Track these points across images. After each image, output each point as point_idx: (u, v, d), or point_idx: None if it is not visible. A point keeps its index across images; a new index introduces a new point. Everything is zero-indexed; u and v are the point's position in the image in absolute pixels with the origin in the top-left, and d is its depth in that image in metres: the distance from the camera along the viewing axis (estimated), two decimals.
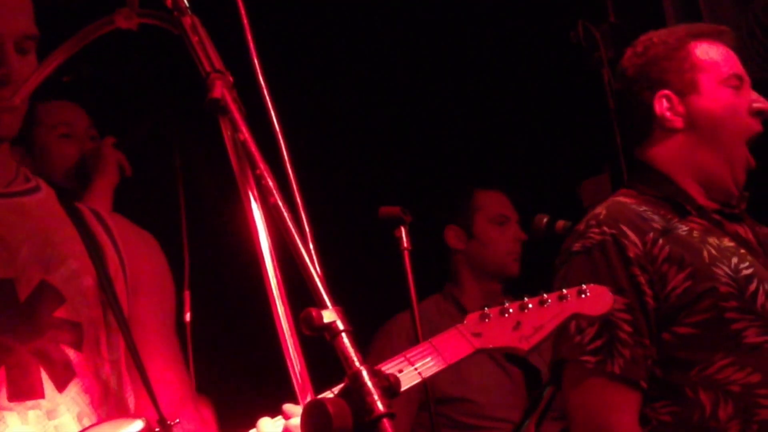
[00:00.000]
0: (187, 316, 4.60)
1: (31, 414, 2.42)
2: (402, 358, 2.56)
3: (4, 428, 2.38)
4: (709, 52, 3.68)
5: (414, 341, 5.02)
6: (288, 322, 1.85)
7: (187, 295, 4.62)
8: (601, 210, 3.54)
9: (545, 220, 4.92)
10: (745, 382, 3.31)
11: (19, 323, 2.48)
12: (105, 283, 2.62)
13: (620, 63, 3.78)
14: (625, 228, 3.43)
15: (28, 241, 2.58)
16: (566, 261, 3.53)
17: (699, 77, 3.63)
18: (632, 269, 3.38)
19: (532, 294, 2.81)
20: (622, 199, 3.62)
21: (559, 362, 3.48)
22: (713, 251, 3.44)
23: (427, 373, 2.59)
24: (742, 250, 3.50)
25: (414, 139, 6.37)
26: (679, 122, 3.62)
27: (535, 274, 5.94)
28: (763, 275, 3.44)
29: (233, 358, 5.10)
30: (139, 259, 2.78)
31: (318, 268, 1.84)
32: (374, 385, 1.72)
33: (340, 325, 1.78)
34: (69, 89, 4.72)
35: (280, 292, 1.87)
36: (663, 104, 3.62)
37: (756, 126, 3.63)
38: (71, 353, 2.52)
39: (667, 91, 3.63)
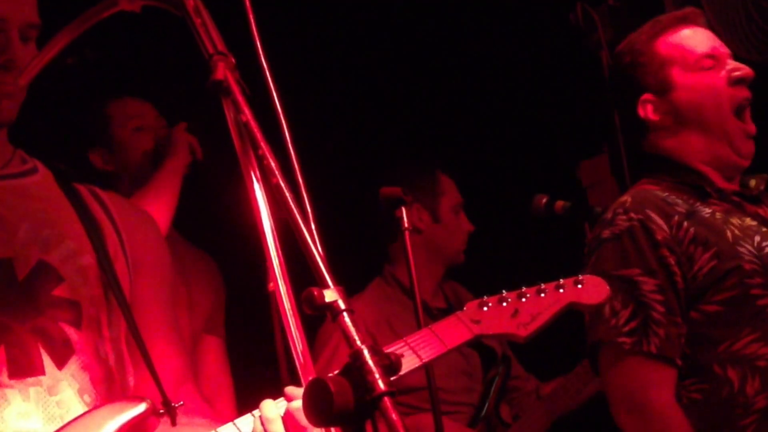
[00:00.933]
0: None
1: (32, 391, 2.42)
2: (402, 343, 2.58)
3: (6, 406, 2.38)
4: (672, 44, 3.71)
5: (371, 326, 5.01)
6: (290, 301, 1.85)
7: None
8: (626, 198, 3.60)
9: (544, 200, 4.92)
10: None
11: (18, 302, 2.47)
12: (104, 263, 2.62)
13: (610, 71, 3.92)
14: (651, 213, 3.50)
15: (26, 221, 2.57)
16: (596, 248, 3.59)
17: (669, 72, 3.67)
18: (661, 251, 3.45)
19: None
20: (645, 186, 3.67)
21: (596, 344, 3.54)
22: (736, 231, 3.49)
23: (427, 357, 2.61)
24: (764, 229, 3.55)
25: (413, 121, 6.36)
26: (667, 120, 3.67)
27: (538, 254, 5.98)
28: None
29: (231, 342, 5.09)
30: (137, 237, 2.77)
31: (319, 248, 1.84)
32: (375, 363, 1.72)
33: (342, 305, 1.78)
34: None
35: (282, 272, 1.87)
36: (647, 108, 3.68)
37: (741, 93, 3.65)
38: (70, 331, 2.51)
39: (647, 95, 3.68)
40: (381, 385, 1.70)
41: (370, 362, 1.72)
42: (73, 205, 2.68)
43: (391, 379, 1.71)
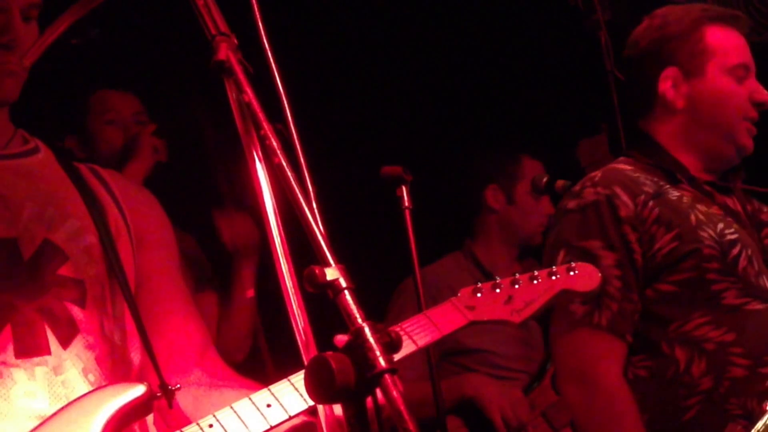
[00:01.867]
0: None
1: (38, 370, 2.41)
2: (398, 329, 2.59)
3: (12, 385, 2.38)
4: (721, 38, 3.68)
5: (429, 299, 5.04)
6: (292, 279, 1.85)
7: None
8: (597, 173, 3.59)
9: (545, 179, 4.94)
10: (720, 340, 3.39)
11: (24, 281, 2.46)
12: (107, 241, 2.61)
13: (635, 32, 3.78)
14: (618, 190, 3.49)
15: (30, 201, 2.55)
16: (561, 217, 3.60)
17: (707, 62, 3.64)
18: (623, 228, 3.45)
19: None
20: (619, 166, 3.66)
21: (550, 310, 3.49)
22: (701, 216, 3.50)
23: (422, 342, 2.62)
24: (729, 219, 3.56)
25: (415, 100, 6.34)
26: (680, 102, 3.64)
27: None
28: (747, 242, 3.50)
29: None
30: (140, 214, 2.76)
31: (321, 227, 1.84)
32: (376, 341, 1.72)
33: (343, 283, 1.78)
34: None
35: (284, 250, 1.87)
36: (667, 83, 3.64)
37: (754, 113, 3.66)
38: (75, 310, 2.50)
39: (673, 70, 3.64)
40: (382, 362, 1.70)
41: (371, 340, 1.72)
42: (74, 183, 2.67)
43: (392, 358, 1.71)
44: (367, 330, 1.73)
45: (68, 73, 4.84)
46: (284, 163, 1.88)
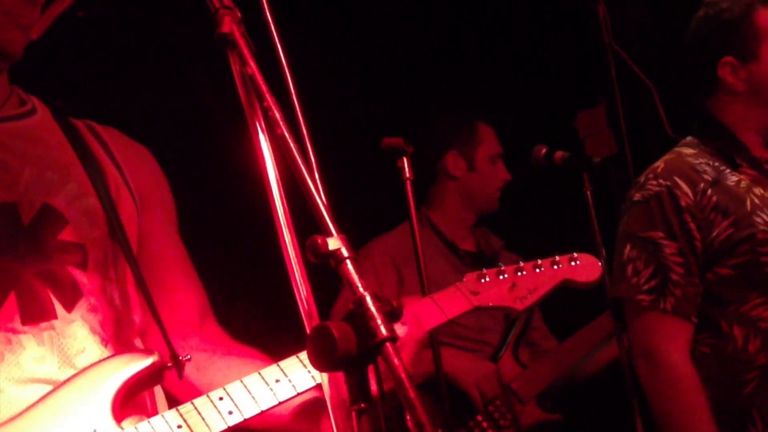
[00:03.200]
0: None
1: (46, 335, 2.40)
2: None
3: (21, 351, 2.37)
4: None
5: (397, 265, 5.03)
6: (294, 249, 1.85)
7: None
8: (660, 163, 3.77)
9: (544, 150, 4.92)
10: None
11: (25, 248, 2.44)
12: (107, 204, 2.59)
13: (692, 21, 3.90)
14: (678, 180, 3.68)
15: (29, 165, 2.53)
16: (628, 209, 3.78)
17: (761, 46, 3.78)
18: (684, 216, 3.63)
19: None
20: (683, 150, 3.83)
21: (617, 300, 3.77)
22: (756, 200, 3.67)
23: (428, 326, 2.64)
24: None
25: (415, 72, 6.33)
26: (740, 86, 3.79)
27: (537, 202, 5.98)
28: None
29: (242, 290, 5.09)
30: (140, 173, 2.74)
31: (323, 197, 1.83)
32: (377, 309, 1.72)
33: (345, 252, 1.78)
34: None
35: (287, 221, 1.87)
36: (726, 70, 3.79)
37: None
38: (77, 274, 2.49)
39: (730, 58, 3.79)
40: (383, 330, 1.70)
41: (373, 309, 1.72)
42: (72, 144, 2.64)
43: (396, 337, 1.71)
44: (368, 299, 1.73)
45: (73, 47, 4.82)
46: (287, 135, 1.87)
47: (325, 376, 1.85)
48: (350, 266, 1.77)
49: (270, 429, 2.56)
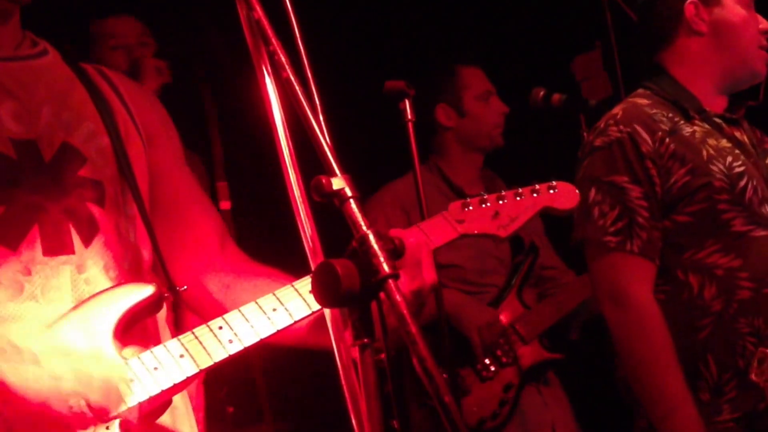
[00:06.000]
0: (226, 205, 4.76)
1: (64, 269, 2.40)
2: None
3: (41, 283, 2.36)
4: None
5: (407, 211, 5.03)
6: (299, 189, 1.84)
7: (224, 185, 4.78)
8: (618, 111, 3.76)
9: (542, 93, 4.91)
10: (729, 266, 3.56)
11: (47, 183, 2.43)
12: (117, 144, 2.58)
13: None
14: (638, 127, 3.66)
15: (46, 104, 2.52)
16: (589, 154, 3.75)
17: None
18: (646, 162, 3.62)
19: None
20: (637, 100, 3.82)
21: (581, 241, 3.75)
22: (711, 151, 3.66)
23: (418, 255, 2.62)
24: (737, 151, 3.71)
25: (417, 16, 6.30)
26: (703, 27, 3.82)
27: (535, 142, 5.97)
28: (753, 173, 3.66)
29: (248, 229, 5.09)
30: (147, 113, 2.72)
31: (327, 138, 1.83)
32: (380, 248, 1.72)
33: (348, 192, 1.78)
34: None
35: (292, 161, 1.86)
36: (692, 10, 3.82)
37: (764, 41, 3.84)
38: (95, 210, 2.48)
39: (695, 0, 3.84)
40: (386, 267, 1.70)
41: (375, 246, 1.72)
42: (84, 85, 2.63)
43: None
44: (371, 237, 1.73)
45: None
46: (292, 78, 1.87)
47: (328, 312, 1.86)
48: (354, 205, 1.77)
49: (289, 344, 2.57)
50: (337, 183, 1.77)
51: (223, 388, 4.77)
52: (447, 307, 4.48)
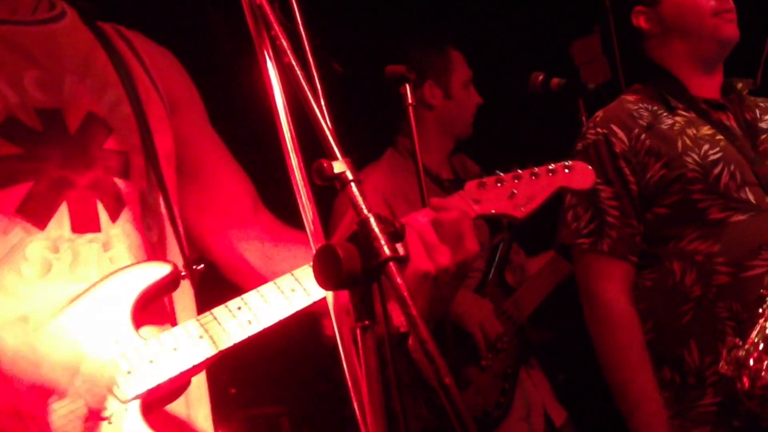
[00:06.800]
0: None
1: (90, 247, 2.36)
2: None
3: (69, 260, 2.33)
4: None
5: (388, 203, 4.97)
6: (301, 172, 1.84)
7: None
8: (600, 112, 3.90)
9: (541, 77, 4.90)
10: (707, 252, 3.62)
11: (75, 156, 2.38)
12: (139, 111, 2.53)
13: None
14: (614, 127, 3.78)
15: (69, 71, 2.46)
16: (572, 158, 3.74)
17: None
18: (619, 162, 3.73)
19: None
20: (626, 96, 3.94)
21: (560, 246, 3.89)
22: (688, 141, 3.73)
23: None
24: (718, 137, 3.76)
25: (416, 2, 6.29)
26: (656, 29, 3.94)
27: (534, 126, 5.96)
28: (731, 158, 3.71)
29: None
30: (168, 76, 2.68)
31: (329, 123, 1.82)
32: (381, 231, 1.72)
33: (350, 175, 1.77)
34: None
35: (294, 145, 1.86)
36: (639, 18, 3.95)
37: (721, 5, 3.87)
38: (121, 183, 2.44)
39: (639, 7, 3.96)
40: (386, 250, 1.70)
41: (377, 229, 1.72)
42: (104, 48, 2.57)
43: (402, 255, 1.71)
44: (372, 220, 1.73)
45: None
46: (294, 63, 1.86)
47: (330, 294, 1.85)
48: (355, 188, 1.77)
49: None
50: (339, 167, 1.77)
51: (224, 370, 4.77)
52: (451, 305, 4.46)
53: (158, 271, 2.37)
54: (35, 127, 2.37)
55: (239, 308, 2.37)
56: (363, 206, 1.75)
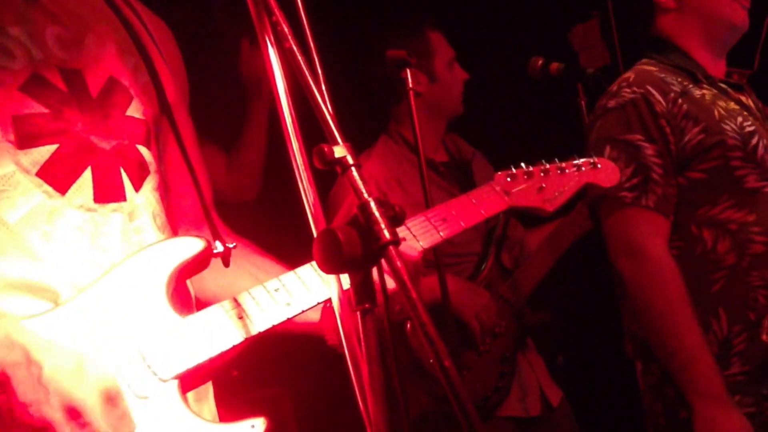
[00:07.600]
0: None
1: (115, 217, 2.32)
2: (444, 211, 2.57)
3: (94, 229, 2.29)
4: None
5: (382, 191, 4.94)
6: (302, 157, 1.84)
7: None
8: (630, 74, 3.82)
9: (540, 62, 4.89)
10: (743, 221, 3.60)
11: (99, 121, 2.34)
12: (156, 78, 2.50)
13: None
14: (651, 88, 3.71)
15: (89, 32, 2.40)
16: (602, 115, 3.80)
17: None
18: (660, 121, 3.66)
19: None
20: (645, 67, 3.87)
21: (598, 198, 3.76)
22: (722, 111, 3.71)
23: (467, 224, 2.61)
24: (746, 113, 3.76)
25: None
26: (671, 2, 3.90)
27: (534, 111, 5.95)
28: (763, 133, 3.71)
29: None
30: (169, 48, 2.66)
31: (330, 108, 1.82)
32: (381, 215, 1.72)
33: (350, 160, 1.78)
34: None
35: (295, 129, 1.86)
36: None
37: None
38: (143, 151, 2.41)
39: None
40: (386, 234, 1.70)
41: (377, 213, 1.72)
42: (117, 16, 2.52)
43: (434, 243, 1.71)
44: (372, 204, 1.73)
45: None
46: (295, 48, 1.86)
47: (332, 278, 1.85)
48: (355, 173, 1.77)
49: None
50: (339, 151, 1.77)
51: None
52: (441, 293, 4.44)
53: (192, 247, 2.33)
54: (60, 86, 2.31)
55: (276, 290, 2.34)
56: (363, 190, 1.75)
